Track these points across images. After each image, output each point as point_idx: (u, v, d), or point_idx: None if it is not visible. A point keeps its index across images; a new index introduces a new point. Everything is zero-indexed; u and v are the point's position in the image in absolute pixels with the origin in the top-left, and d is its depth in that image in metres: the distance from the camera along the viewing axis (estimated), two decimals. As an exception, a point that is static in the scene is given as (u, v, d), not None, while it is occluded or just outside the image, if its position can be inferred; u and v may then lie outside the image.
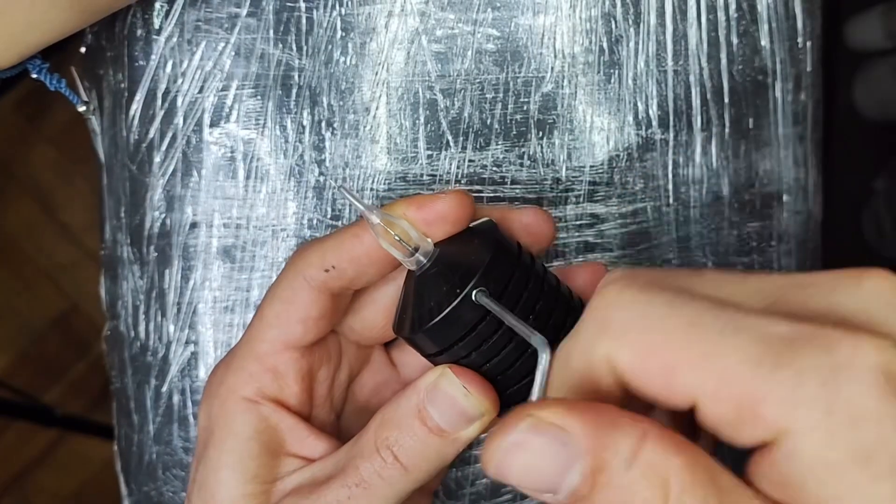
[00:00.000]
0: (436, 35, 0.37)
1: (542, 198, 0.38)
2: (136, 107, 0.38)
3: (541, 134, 0.38)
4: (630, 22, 0.37)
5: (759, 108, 0.40)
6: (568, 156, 0.38)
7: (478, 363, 0.28)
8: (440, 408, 0.27)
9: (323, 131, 0.37)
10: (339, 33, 0.37)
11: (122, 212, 0.40)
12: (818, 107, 0.43)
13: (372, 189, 0.37)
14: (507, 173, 0.38)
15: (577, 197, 0.38)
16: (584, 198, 0.38)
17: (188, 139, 0.38)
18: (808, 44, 0.41)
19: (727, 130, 0.39)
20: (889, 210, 1.03)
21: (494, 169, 0.38)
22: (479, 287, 0.26)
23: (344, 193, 0.28)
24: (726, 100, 0.39)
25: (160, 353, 0.39)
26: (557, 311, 0.28)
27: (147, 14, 0.37)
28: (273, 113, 0.37)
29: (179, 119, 0.38)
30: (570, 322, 0.28)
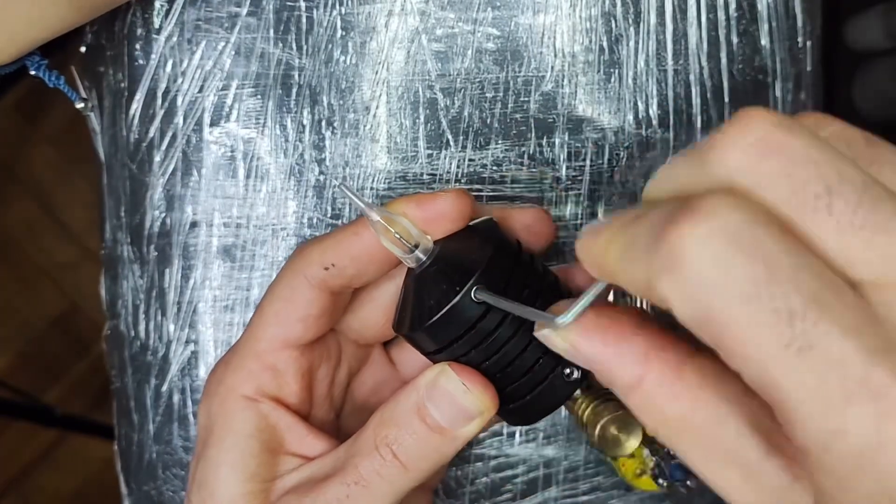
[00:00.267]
0: (436, 34, 0.37)
1: (542, 197, 0.38)
2: (137, 106, 0.38)
3: (541, 133, 0.37)
4: (630, 21, 0.37)
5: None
6: (568, 155, 0.38)
7: (477, 361, 0.28)
8: (439, 405, 0.27)
9: (323, 130, 0.37)
10: (339, 32, 0.37)
11: (123, 211, 0.40)
12: (818, 106, 0.43)
13: (372, 188, 0.37)
14: (506, 172, 0.38)
15: (576, 196, 0.38)
16: (584, 197, 0.38)
17: (188, 138, 0.38)
18: (808, 43, 0.41)
19: (727, 130, 0.39)
20: (889, 210, 1.03)
21: (494, 168, 0.38)
22: (479, 284, 0.26)
23: (344, 191, 0.28)
24: (726, 99, 0.39)
25: (160, 352, 0.39)
26: None
27: (147, 13, 0.37)
28: (273, 112, 0.37)
29: (179, 118, 0.38)
30: None
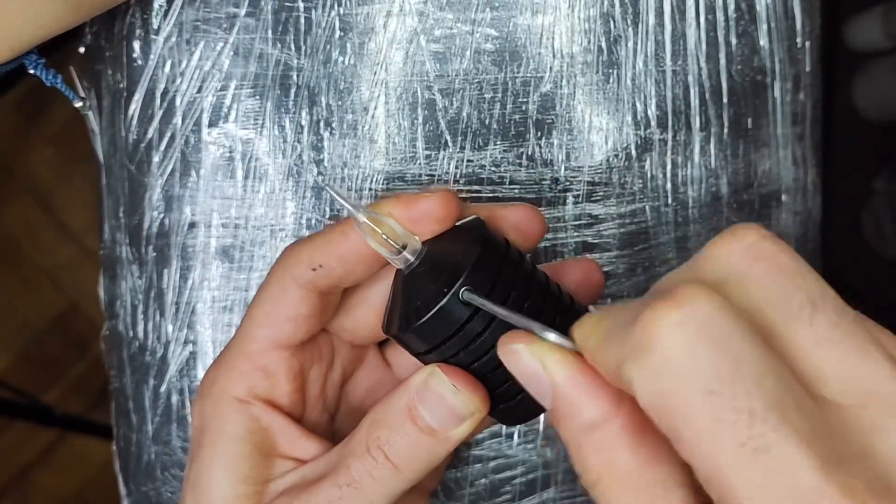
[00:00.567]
0: (434, 35, 0.37)
1: (541, 198, 0.38)
2: (135, 107, 0.38)
3: (539, 134, 0.37)
4: (629, 22, 0.37)
5: (757, 107, 0.40)
6: (566, 156, 0.38)
7: (466, 362, 0.28)
8: (430, 407, 0.27)
9: (321, 131, 0.37)
10: (337, 33, 0.37)
11: (121, 211, 0.40)
12: (817, 107, 0.43)
13: (370, 189, 0.37)
14: (505, 173, 0.38)
15: (575, 197, 0.38)
16: (583, 198, 0.38)
17: (187, 139, 0.38)
18: (807, 44, 0.41)
19: (726, 130, 0.39)
20: (889, 210, 1.03)
21: (493, 169, 0.37)
22: (467, 285, 0.26)
23: (330, 191, 0.28)
24: (725, 100, 0.39)
25: (159, 352, 0.39)
26: (547, 309, 0.28)
27: (146, 14, 0.37)
28: (271, 113, 0.37)
29: (178, 119, 0.38)
30: (559, 320, 0.28)
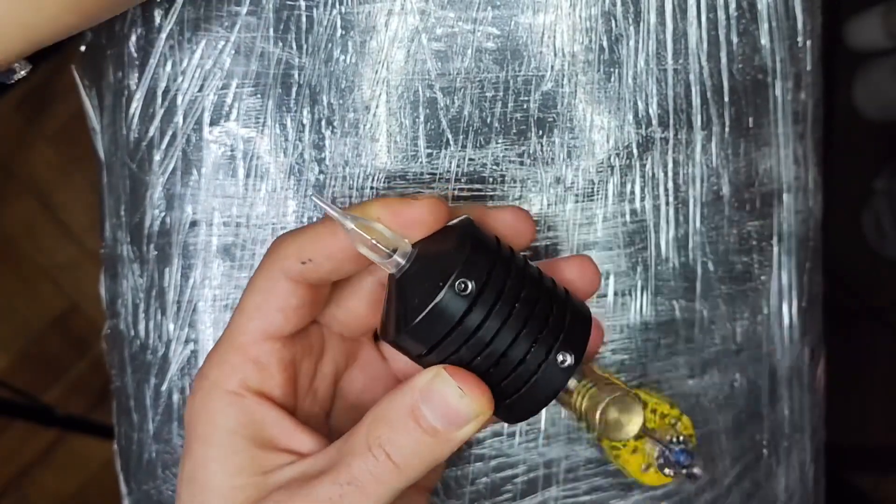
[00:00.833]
0: (436, 33, 0.37)
1: (542, 196, 0.38)
2: (136, 105, 0.38)
3: (541, 132, 0.37)
4: (630, 20, 0.37)
5: (758, 106, 0.40)
6: (568, 154, 0.38)
7: (467, 358, 0.27)
8: (435, 408, 0.27)
9: (323, 130, 0.37)
10: (339, 32, 0.37)
11: (122, 210, 0.40)
12: (818, 105, 0.43)
13: (372, 188, 0.37)
14: (506, 172, 0.38)
15: (576, 195, 0.38)
16: (584, 196, 0.38)
17: (188, 137, 0.38)
18: (808, 43, 0.41)
19: (727, 129, 0.39)
20: (889, 210, 1.03)
21: (494, 167, 0.38)
22: (461, 279, 0.26)
23: (316, 202, 0.28)
24: (726, 98, 0.39)
25: (160, 351, 0.39)
26: (543, 301, 0.28)
27: (147, 12, 0.37)
28: (273, 111, 0.37)
29: (179, 117, 0.38)
30: (556, 310, 0.28)
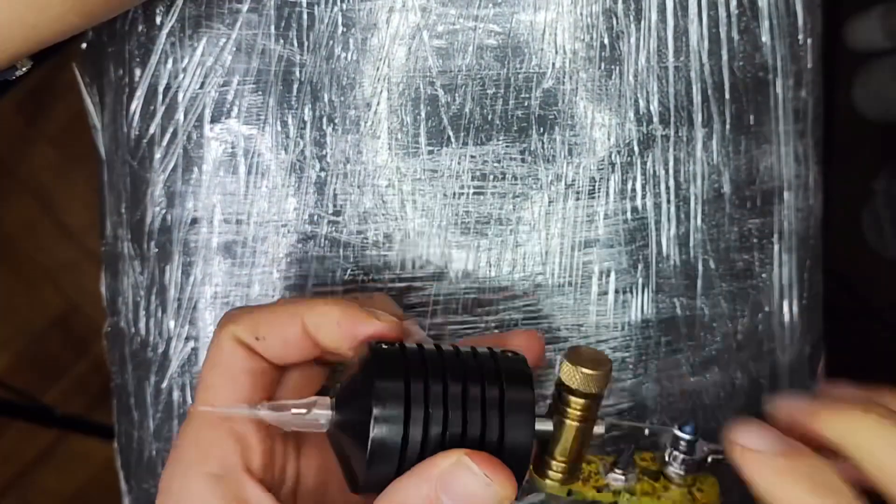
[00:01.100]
0: (437, 31, 0.37)
1: (543, 193, 0.38)
2: (137, 102, 0.38)
3: (542, 130, 0.38)
4: (631, 18, 0.37)
5: (759, 104, 0.40)
6: (569, 152, 0.38)
7: (438, 440, 0.26)
8: (457, 498, 0.25)
9: (324, 127, 0.37)
10: (340, 29, 0.37)
11: (123, 208, 0.40)
12: (818, 104, 0.43)
13: (373, 185, 0.37)
14: (507, 169, 0.38)
15: (577, 193, 0.38)
16: (585, 194, 0.38)
17: (189, 135, 0.38)
18: (809, 41, 0.41)
19: (728, 127, 0.39)
20: (889, 210, 1.03)
21: (495, 164, 0.38)
22: (380, 409, 0.26)
23: (217, 412, 0.28)
24: (727, 96, 0.39)
25: (160, 348, 0.39)
26: (471, 373, 0.27)
27: (148, 9, 0.37)
28: (274, 108, 0.37)
29: (180, 115, 0.38)
30: (488, 373, 0.27)
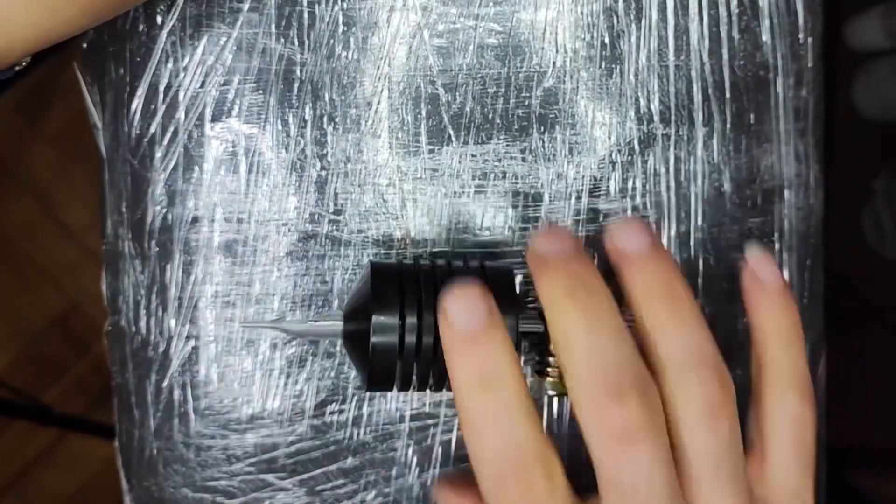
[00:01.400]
0: (437, 30, 0.37)
1: (543, 192, 0.38)
2: (138, 101, 0.38)
3: (542, 129, 0.38)
4: (632, 17, 0.37)
5: (760, 103, 0.40)
6: (569, 150, 0.38)
7: (430, 346, 0.29)
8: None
9: (325, 126, 0.37)
10: (340, 28, 0.37)
11: (124, 207, 0.40)
12: (819, 103, 0.43)
13: (374, 184, 0.37)
14: (508, 168, 0.38)
15: (577, 192, 0.38)
16: (585, 193, 0.38)
17: (190, 134, 0.38)
18: (810, 40, 0.41)
19: (728, 126, 0.39)
20: (889, 210, 1.03)
21: (496, 163, 0.38)
22: (379, 315, 0.29)
23: (250, 326, 0.32)
24: (728, 95, 0.39)
25: (161, 347, 0.39)
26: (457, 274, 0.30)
27: (149, 9, 0.37)
28: (275, 107, 0.37)
29: (181, 114, 0.38)
30: (490, 274, 0.30)
